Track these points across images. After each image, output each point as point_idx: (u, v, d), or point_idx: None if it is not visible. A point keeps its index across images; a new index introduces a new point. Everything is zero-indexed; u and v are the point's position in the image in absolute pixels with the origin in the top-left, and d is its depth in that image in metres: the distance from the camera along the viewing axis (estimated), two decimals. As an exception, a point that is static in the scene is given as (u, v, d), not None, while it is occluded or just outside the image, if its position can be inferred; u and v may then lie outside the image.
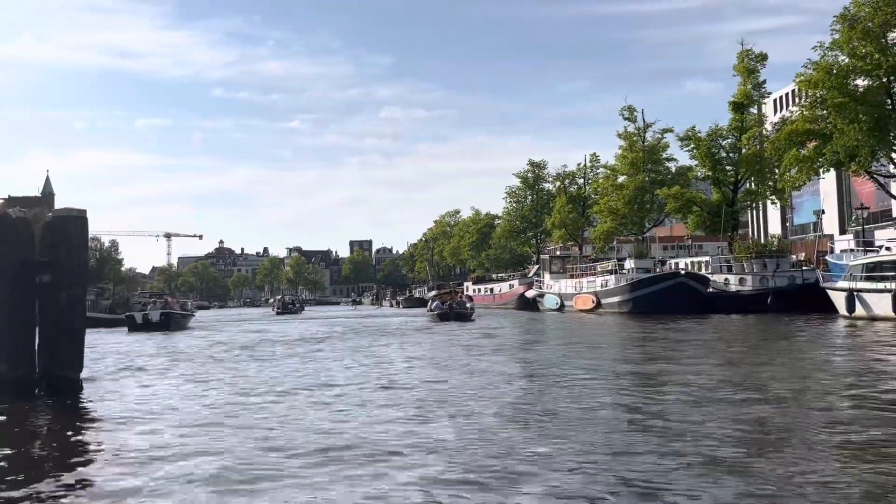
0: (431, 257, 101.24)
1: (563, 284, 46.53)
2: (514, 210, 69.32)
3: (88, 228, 9.26)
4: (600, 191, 53.39)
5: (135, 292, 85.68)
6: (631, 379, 11.63)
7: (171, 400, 10.25)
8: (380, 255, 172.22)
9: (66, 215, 8.91)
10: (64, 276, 8.72)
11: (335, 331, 29.79)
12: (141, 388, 11.83)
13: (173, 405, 9.70)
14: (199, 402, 9.98)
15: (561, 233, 58.11)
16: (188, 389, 11.54)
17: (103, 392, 10.89)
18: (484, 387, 10.93)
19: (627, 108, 49.78)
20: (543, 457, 6.42)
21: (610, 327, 27.62)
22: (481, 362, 14.89)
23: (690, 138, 43.92)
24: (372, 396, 10.27)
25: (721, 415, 8.15)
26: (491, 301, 59.62)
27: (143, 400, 10.23)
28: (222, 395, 10.52)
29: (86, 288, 9.56)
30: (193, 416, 8.81)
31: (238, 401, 9.90)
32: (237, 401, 9.91)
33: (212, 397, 10.36)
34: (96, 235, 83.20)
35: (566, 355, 16.14)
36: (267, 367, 15.37)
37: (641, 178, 47.77)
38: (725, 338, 20.64)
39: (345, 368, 14.43)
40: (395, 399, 10.01)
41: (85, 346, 10.25)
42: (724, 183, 44.17)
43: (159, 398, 10.41)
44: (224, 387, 11.62)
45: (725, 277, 37.29)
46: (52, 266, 8.62)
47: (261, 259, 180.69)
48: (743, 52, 42.61)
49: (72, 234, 8.82)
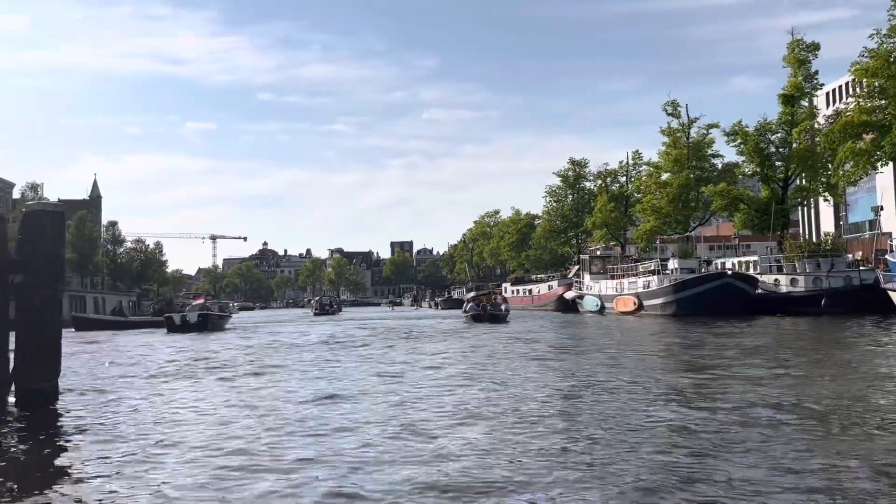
0: (471, 258, 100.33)
1: (603, 285, 45.07)
2: (555, 209, 67.97)
3: (65, 225, 8.62)
4: (643, 189, 51.85)
5: (179, 294, 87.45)
6: (680, 393, 10.37)
7: (146, 414, 9.39)
8: (420, 256, 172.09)
9: (40, 210, 8.28)
10: (37, 277, 8.05)
11: (359, 334, 29.03)
12: (126, 398, 10.83)
13: (144, 421, 8.85)
14: (174, 421, 8.95)
15: (602, 232, 56.61)
16: (176, 402, 10.59)
17: (82, 403, 10.02)
18: (510, 406, 9.55)
19: (671, 103, 48.13)
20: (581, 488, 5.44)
21: (652, 331, 26.27)
22: (506, 371, 13.84)
23: (737, 133, 42.09)
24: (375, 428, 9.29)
25: (796, 445, 6.86)
26: (529, 303, 58.35)
27: (120, 413, 9.39)
28: (210, 414, 9.51)
29: (60, 289, 8.86)
30: (147, 434, 7.91)
31: (232, 423, 9.02)
32: (231, 421, 9.03)
33: (190, 420, 9.16)
34: (141, 237, 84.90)
35: (604, 363, 15.00)
36: (274, 377, 14.49)
37: (686, 175, 46.04)
38: (781, 342, 19.20)
39: (349, 384, 12.87)
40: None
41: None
42: (774, 179, 42.24)
43: (139, 412, 9.51)
44: (221, 402, 10.62)
45: (775, 278, 35.46)
46: (26, 265, 7.98)
47: (303, 260, 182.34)
48: (793, 42, 40.68)
49: (46, 231, 8.14)
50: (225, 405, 10.12)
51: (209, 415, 9.25)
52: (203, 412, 9.49)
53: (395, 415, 8.84)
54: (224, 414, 9.31)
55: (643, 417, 8.28)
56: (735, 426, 7.58)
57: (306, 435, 7.73)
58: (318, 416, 8.86)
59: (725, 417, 8.09)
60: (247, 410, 9.52)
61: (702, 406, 8.97)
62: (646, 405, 9.13)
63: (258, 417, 8.90)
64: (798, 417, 8.06)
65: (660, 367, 14.06)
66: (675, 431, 7.42)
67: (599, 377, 12.34)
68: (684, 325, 27.90)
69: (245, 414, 9.24)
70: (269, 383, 12.75)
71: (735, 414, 8.27)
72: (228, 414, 9.30)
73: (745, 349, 17.03)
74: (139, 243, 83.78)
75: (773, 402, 9.07)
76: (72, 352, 19.73)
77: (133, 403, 10.30)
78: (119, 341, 28.74)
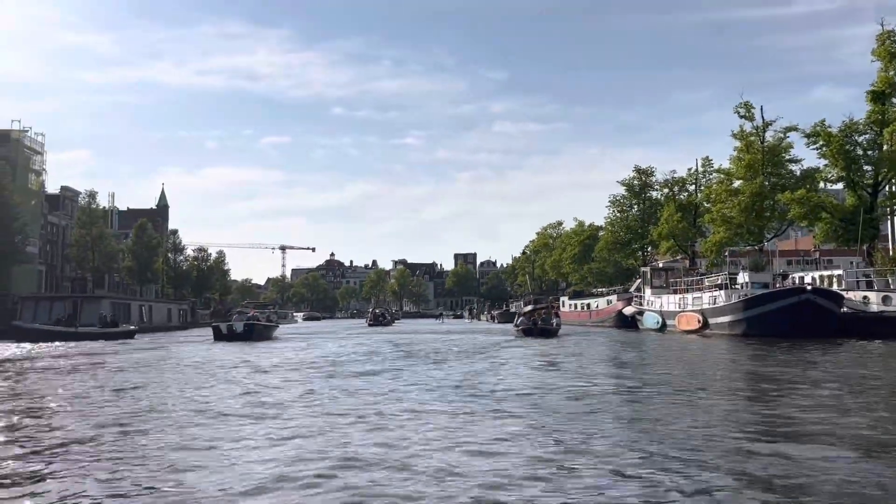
0: (532, 270, 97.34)
1: (665, 301, 41.50)
2: (619, 220, 64.44)
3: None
4: (713, 197, 47.98)
5: (243, 303, 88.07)
6: (763, 440, 7.70)
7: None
8: (483, 268, 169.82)
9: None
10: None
11: (384, 350, 26.75)
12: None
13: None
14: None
15: (669, 244, 52.88)
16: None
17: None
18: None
19: (744, 104, 44.11)
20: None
21: (718, 354, 23.06)
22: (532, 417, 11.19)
23: (819, 135, 38.04)
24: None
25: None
26: (587, 318, 54.99)
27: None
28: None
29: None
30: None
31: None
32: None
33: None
34: (203, 246, 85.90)
35: (662, 392, 12.28)
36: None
37: (760, 181, 42.02)
38: (879, 372, 15.91)
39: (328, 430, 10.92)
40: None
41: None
42: (861, 185, 37.93)
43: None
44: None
45: (864, 295, 31.31)
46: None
47: (368, 271, 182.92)
48: (883, 34, 36.51)
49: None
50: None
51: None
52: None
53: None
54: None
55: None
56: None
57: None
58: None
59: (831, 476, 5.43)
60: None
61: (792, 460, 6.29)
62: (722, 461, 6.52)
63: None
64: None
65: (735, 410, 11.25)
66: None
67: (656, 406, 9.67)
68: (755, 346, 24.48)
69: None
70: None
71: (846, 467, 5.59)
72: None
73: (837, 376, 13.91)
74: (201, 252, 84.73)
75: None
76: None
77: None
78: (121, 352, 27.53)
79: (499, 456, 6.97)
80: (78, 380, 15.61)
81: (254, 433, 8.47)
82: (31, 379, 16.13)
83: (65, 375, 16.72)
